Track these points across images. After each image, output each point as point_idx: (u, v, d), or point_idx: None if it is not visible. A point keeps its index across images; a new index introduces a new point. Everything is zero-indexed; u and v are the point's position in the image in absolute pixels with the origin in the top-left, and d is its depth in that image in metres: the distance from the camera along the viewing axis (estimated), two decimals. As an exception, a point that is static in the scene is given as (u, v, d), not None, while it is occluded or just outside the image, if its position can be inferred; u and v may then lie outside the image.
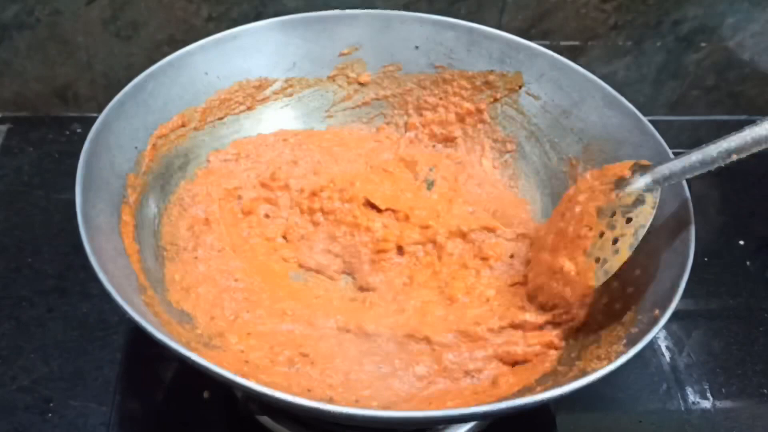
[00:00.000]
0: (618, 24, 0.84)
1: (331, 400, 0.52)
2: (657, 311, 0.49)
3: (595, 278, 0.55)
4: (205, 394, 0.60)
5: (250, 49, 0.68)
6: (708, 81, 0.91)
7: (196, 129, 0.66)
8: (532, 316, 0.58)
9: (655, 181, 0.54)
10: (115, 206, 0.54)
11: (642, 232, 0.54)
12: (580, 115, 0.66)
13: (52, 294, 0.68)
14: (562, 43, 0.85)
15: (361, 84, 0.73)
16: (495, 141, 0.72)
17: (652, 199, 0.54)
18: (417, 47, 0.71)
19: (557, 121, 0.68)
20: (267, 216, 0.66)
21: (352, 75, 0.72)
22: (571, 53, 0.84)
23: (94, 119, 0.56)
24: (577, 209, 0.58)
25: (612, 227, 0.55)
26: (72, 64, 0.82)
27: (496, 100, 0.71)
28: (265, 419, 0.58)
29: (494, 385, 0.53)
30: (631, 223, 0.54)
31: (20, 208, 0.76)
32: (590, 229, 0.56)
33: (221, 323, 0.57)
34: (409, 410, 0.51)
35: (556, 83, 0.67)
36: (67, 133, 0.85)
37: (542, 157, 0.69)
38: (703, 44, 0.87)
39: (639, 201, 0.55)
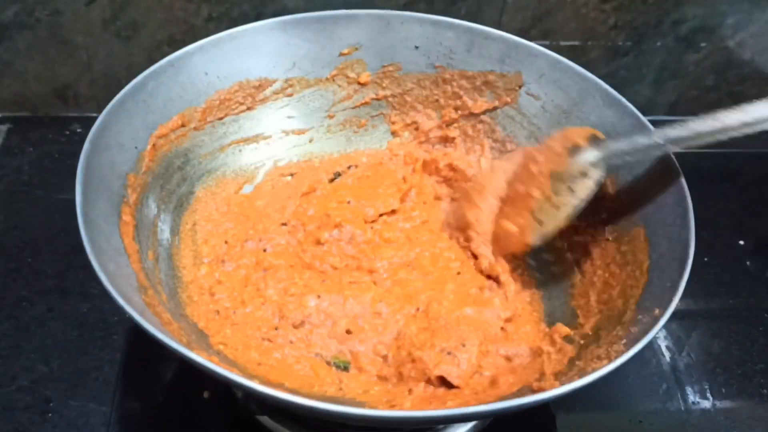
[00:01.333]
0: (618, 24, 0.84)
1: (340, 390, 0.53)
2: (657, 311, 0.49)
3: (533, 237, 0.60)
4: (205, 394, 0.60)
5: (250, 49, 0.68)
6: (708, 81, 0.92)
7: (196, 129, 0.66)
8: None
9: (603, 158, 0.57)
10: (115, 206, 0.54)
11: (581, 206, 0.57)
12: (580, 115, 0.66)
13: (52, 294, 0.68)
14: (562, 43, 0.85)
15: (361, 84, 0.73)
16: (495, 141, 0.72)
17: (595, 174, 0.57)
18: (417, 47, 0.71)
19: (557, 121, 0.68)
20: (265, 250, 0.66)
21: (352, 75, 0.72)
22: (571, 53, 0.84)
23: (94, 119, 0.55)
24: (534, 169, 0.61)
25: (558, 193, 0.58)
26: (72, 64, 0.82)
27: (495, 107, 0.71)
28: (265, 419, 0.58)
29: (494, 385, 0.53)
30: (574, 193, 0.57)
31: (20, 208, 0.76)
32: (540, 191, 0.60)
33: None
34: (409, 410, 0.51)
35: (556, 83, 0.67)
36: (67, 133, 0.85)
37: (542, 156, 0.69)
38: (702, 44, 0.87)
39: (584, 174, 0.57)
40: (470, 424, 0.59)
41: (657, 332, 0.46)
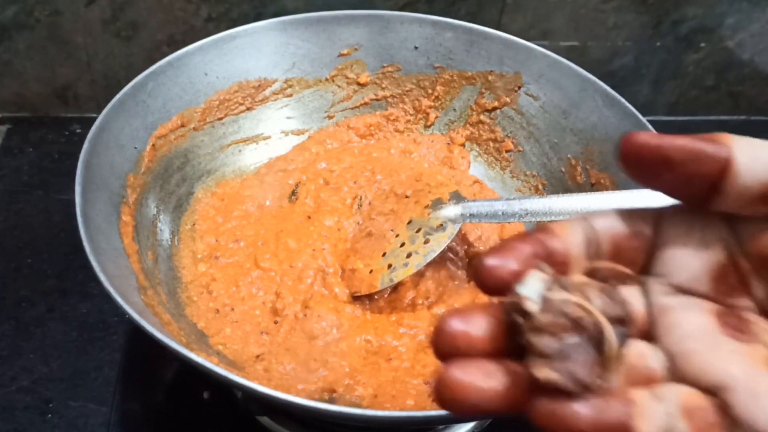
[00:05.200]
0: (618, 24, 0.84)
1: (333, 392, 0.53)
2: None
3: (381, 282, 0.59)
4: (205, 394, 0.60)
5: (250, 50, 0.68)
6: (707, 81, 0.92)
7: (195, 129, 0.66)
8: None
9: (462, 215, 0.59)
10: (114, 206, 0.54)
11: (431, 256, 0.58)
12: (580, 116, 0.66)
13: (52, 294, 0.68)
14: (562, 43, 0.85)
15: (361, 84, 0.73)
16: (494, 141, 0.72)
17: (451, 230, 0.59)
18: (416, 48, 0.71)
19: (556, 122, 0.68)
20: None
21: (352, 75, 0.72)
22: (571, 53, 0.84)
23: (94, 119, 0.56)
24: (394, 212, 0.63)
25: (412, 241, 0.59)
26: (72, 65, 0.82)
27: (495, 108, 0.71)
28: (265, 419, 0.58)
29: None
30: (428, 244, 0.58)
31: (20, 208, 0.76)
32: (396, 235, 0.61)
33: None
34: (409, 410, 0.51)
35: (555, 84, 0.67)
36: (67, 133, 0.85)
37: (541, 157, 0.69)
38: (702, 44, 0.87)
39: (441, 227, 0.59)
40: (470, 425, 0.59)
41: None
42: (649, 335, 0.28)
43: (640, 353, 0.27)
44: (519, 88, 0.69)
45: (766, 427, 0.23)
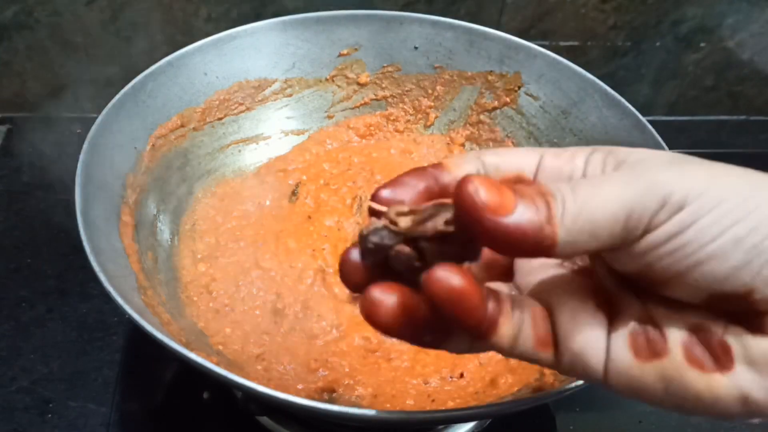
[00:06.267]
0: (617, 24, 0.84)
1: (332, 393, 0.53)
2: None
3: None
4: (205, 395, 0.60)
5: (250, 50, 0.68)
6: (707, 81, 0.92)
7: (195, 129, 0.66)
8: None
9: None
10: (114, 206, 0.54)
11: None
12: (579, 116, 0.66)
13: (52, 294, 0.68)
14: (562, 43, 0.85)
15: (361, 84, 0.73)
16: (494, 141, 0.72)
17: None
18: (416, 48, 0.71)
19: (556, 122, 0.68)
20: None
21: (352, 75, 0.72)
22: (571, 53, 0.84)
23: (94, 120, 0.56)
24: None
25: None
26: (71, 65, 0.82)
27: (495, 108, 0.71)
28: (265, 419, 0.58)
29: (493, 385, 0.53)
30: None
31: (20, 208, 0.76)
32: None
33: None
34: (409, 410, 0.51)
35: (555, 84, 0.67)
36: (67, 133, 0.85)
37: (542, 157, 0.69)
38: (702, 44, 0.87)
39: None
40: (470, 425, 0.59)
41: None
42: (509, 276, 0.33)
43: (496, 287, 0.30)
44: (519, 88, 0.69)
45: (583, 346, 0.27)
